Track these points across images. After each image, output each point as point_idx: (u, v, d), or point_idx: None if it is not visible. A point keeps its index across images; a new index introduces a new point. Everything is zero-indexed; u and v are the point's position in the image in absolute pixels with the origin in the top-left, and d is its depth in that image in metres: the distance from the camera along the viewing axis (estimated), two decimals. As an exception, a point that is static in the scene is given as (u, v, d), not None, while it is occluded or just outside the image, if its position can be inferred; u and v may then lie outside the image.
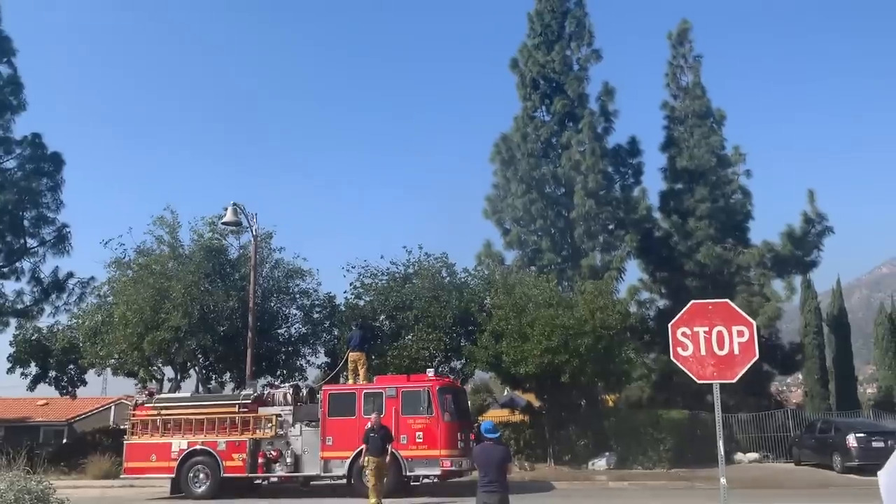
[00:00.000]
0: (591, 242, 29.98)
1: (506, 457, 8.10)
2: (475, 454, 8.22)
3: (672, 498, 16.79)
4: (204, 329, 24.36)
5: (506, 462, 8.04)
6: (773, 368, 32.61)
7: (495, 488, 7.86)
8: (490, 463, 7.93)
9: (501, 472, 7.93)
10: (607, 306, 23.88)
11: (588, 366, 22.69)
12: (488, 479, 7.87)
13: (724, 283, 30.00)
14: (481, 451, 8.15)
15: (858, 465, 20.52)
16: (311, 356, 27.96)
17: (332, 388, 19.05)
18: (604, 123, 31.20)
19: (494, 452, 8.07)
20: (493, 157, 31.60)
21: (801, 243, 30.12)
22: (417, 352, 24.29)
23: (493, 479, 7.86)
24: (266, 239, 26.44)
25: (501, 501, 7.86)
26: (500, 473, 7.92)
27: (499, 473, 7.91)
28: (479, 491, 7.92)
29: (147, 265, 25.46)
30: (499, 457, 8.01)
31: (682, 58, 33.60)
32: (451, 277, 26.74)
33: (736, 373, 7.20)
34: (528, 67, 31.67)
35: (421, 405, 17.42)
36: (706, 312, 7.34)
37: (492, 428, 8.30)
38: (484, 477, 7.91)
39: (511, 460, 8.26)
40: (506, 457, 8.10)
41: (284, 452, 18.23)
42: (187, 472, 18.47)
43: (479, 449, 8.21)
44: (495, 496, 7.85)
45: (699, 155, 31.18)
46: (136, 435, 19.17)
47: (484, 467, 7.93)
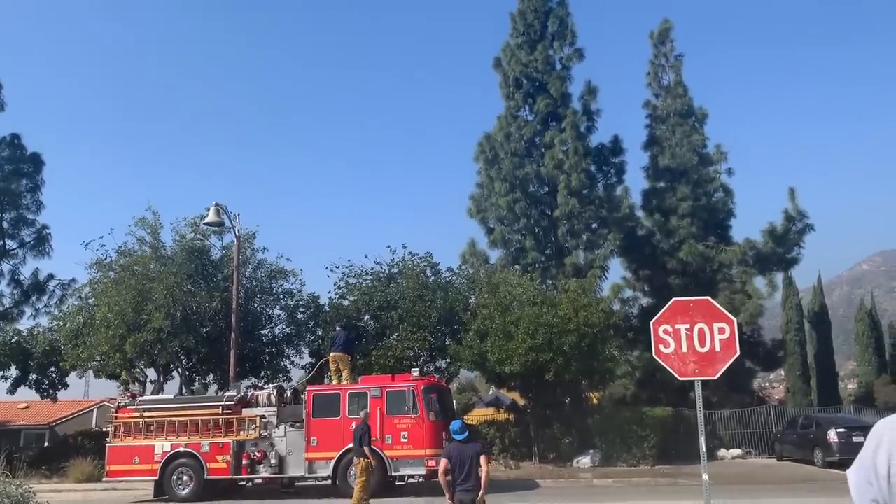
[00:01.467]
0: (575, 241, 30.11)
1: (477, 452, 8.19)
2: (448, 452, 8.30)
3: (656, 495, 16.89)
4: (187, 330, 24.19)
5: (478, 456, 8.11)
6: (756, 365, 32.90)
7: (470, 487, 7.97)
8: (464, 460, 8.03)
9: (474, 469, 8.02)
10: (591, 304, 23.98)
11: (572, 364, 22.77)
12: (462, 477, 7.99)
13: (707, 280, 30.21)
14: (454, 449, 8.24)
15: (839, 459, 20.75)
16: (296, 357, 27.88)
17: (316, 389, 18.99)
18: (586, 122, 31.35)
19: (466, 450, 8.17)
20: (477, 156, 31.67)
21: (782, 241, 30.38)
22: (402, 351, 24.27)
23: (467, 476, 7.98)
24: (249, 239, 26.30)
25: (474, 497, 7.97)
26: (473, 471, 8.01)
27: (471, 471, 8.01)
28: (456, 489, 8.00)
29: (129, 266, 25.23)
30: (471, 453, 8.11)
31: (663, 57, 33.82)
32: (435, 277, 26.74)
33: (717, 369, 7.26)
34: (512, 67, 31.75)
35: (406, 405, 17.41)
36: (687, 310, 7.39)
37: (459, 429, 8.44)
38: (458, 475, 8.01)
39: (484, 453, 8.33)
40: (477, 452, 8.19)
41: (269, 453, 18.16)
42: (171, 475, 18.35)
43: (453, 447, 8.32)
44: (469, 493, 7.96)
45: (681, 153, 31.38)
46: (119, 438, 19.01)
47: (458, 466, 8.03)
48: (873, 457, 1.99)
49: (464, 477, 8.01)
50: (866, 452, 2.02)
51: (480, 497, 8.08)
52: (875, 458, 1.98)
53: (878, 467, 1.95)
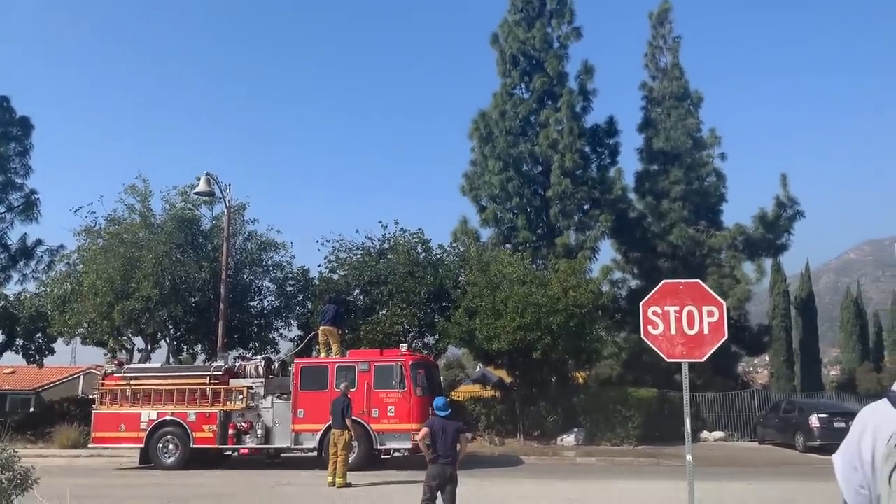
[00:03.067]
0: (567, 221, 30.11)
1: (459, 429, 8.71)
2: (432, 426, 8.70)
3: (639, 474, 17.07)
4: (175, 300, 24.13)
5: (459, 433, 8.63)
6: (741, 349, 33.19)
7: (448, 462, 8.44)
8: (446, 436, 8.49)
9: (454, 445, 8.51)
10: (580, 285, 24.06)
11: (559, 343, 22.90)
12: (442, 452, 8.43)
13: (696, 264, 30.35)
14: (437, 422, 8.69)
15: (820, 444, 21.02)
16: (284, 329, 27.88)
17: (304, 362, 19.04)
18: (582, 102, 31.21)
19: (449, 425, 8.66)
20: (472, 134, 31.52)
21: (772, 227, 30.51)
22: (391, 327, 24.31)
23: (446, 452, 8.44)
24: (239, 210, 26.17)
25: (453, 470, 8.49)
26: (453, 447, 8.50)
27: (451, 447, 8.48)
28: (436, 462, 8.46)
29: (118, 234, 25.07)
30: (453, 430, 8.59)
31: (661, 38, 33.66)
32: (426, 253, 26.71)
33: (705, 352, 7.29)
34: (509, 44, 31.51)
35: (393, 379, 17.48)
36: (677, 292, 7.41)
37: (443, 405, 8.93)
38: (441, 448, 8.44)
39: (465, 432, 8.93)
40: (459, 429, 8.71)
41: (255, 424, 18.23)
42: (157, 443, 18.40)
43: (436, 420, 8.74)
44: (449, 466, 8.45)
45: (675, 137, 31.35)
46: (105, 405, 19.01)
47: (439, 440, 8.46)
48: (858, 443, 2.00)
49: (445, 450, 8.44)
50: (851, 438, 2.04)
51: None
52: (860, 444, 1.99)
53: (863, 453, 1.97)
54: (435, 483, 8.46)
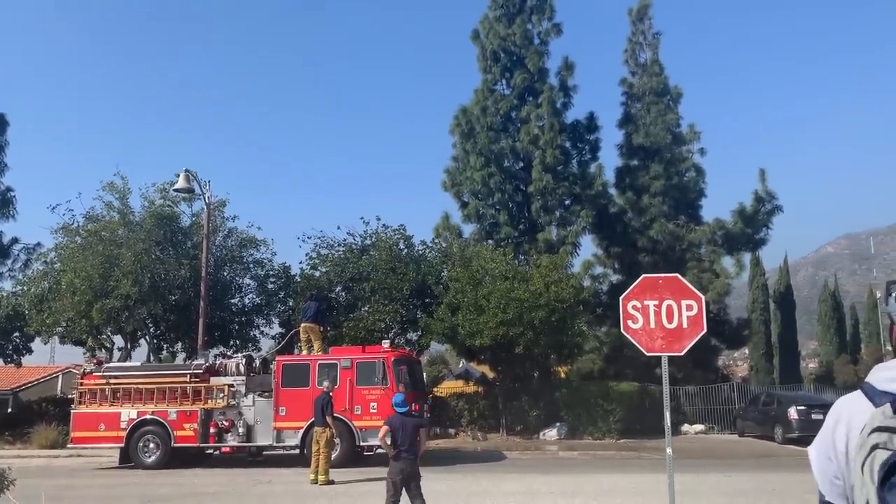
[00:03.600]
0: (548, 217, 30.20)
1: (419, 424, 9.08)
2: (392, 423, 8.98)
3: (620, 467, 17.19)
4: (155, 298, 23.94)
5: (419, 428, 8.97)
6: (721, 343, 33.50)
7: (409, 456, 8.74)
8: (406, 431, 8.78)
9: (414, 440, 8.81)
10: (562, 280, 24.16)
11: (541, 338, 22.98)
12: (404, 448, 8.70)
13: (676, 259, 30.56)
14: (397, 420, 9.00)
15: (798, 436, 21.31)
16: (265, 327, 27.78)
17: (286, 359, 18.97)
18: (563, 98, 31.29)
19: (409, 421, 9.00)
20: (453, 130, 31.51)
21: (751, 221, 30.79)
22: (373, 323, 24.27)
23: (408, 447, 8.71)
24: (219, 207, 25.99)
25: (414, 465, 8.78)
26: (413, 442, 8.80)
27: (412, 442, 8.78)
28: (398, 458, 8.72)
29: (96, 232, 24.83)
30: (412, 425, 8.92)
31: (641, 34, 33.81)
32: (408, 249, 26.69)
33: (684, 346, 7.35)
34: (489, 40, 31.51)
35: (376, 376, 17.48)
36: (656, 286, 7.46)
37: (401, 402, 9.31)
38: (402, 444, 8.72)
39: (425, 427, 9.28)
40: (419, 424, 9.08)
41: (237, 422, 18.16)
42: (137, 442, 18.28)
43: (396, 418, 9.03)
44: (411, 461, 8.75)
45: (655, 132, 31.53)
46: (84, 404, 18.85)
47: (400, 436, 8.73)
48: (832, 434, 2.02)
49: (408, 446, 8.72)
50: (826, 430, 2.06)
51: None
52: (834, 436, 2.01)
53: (837, 444, 1.99)
54: (399, 478, 8.70)
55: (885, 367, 2.02)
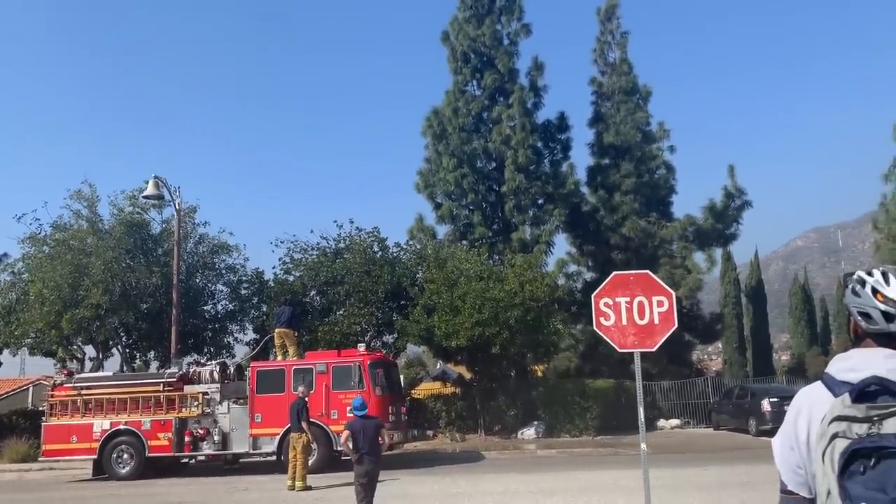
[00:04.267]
0: (521, 216, 30.30)
1: (378, 425, 9.32)
2: (353, 427, 9.21)
3: (598, 464, 17.29)
4: (126, 306, 23.62)
5: (379, 429, 9.23)
6: (694, 338, 33.85)
7: (372, 458, 8.99)
8: (367, 434, 9.01)
9: (375, 442, 9.07)
10: (536, 279, 24.25)
11: (517, 337, 23.05)
12: (366, 450, 8.92)
13: (648, 255, 30.84)
14: (357, 423, 9.25)
15: (772, 428, 21.56)
16: (239, 333, 27.54)
17: (260, 365, 18.83)
18: (533, 98, 31.39)
19: (368, 424, 9.22)
20: (425, 131, 31.49)
21: (721, 217, 31.18)
22: (349, 327, 24.17)
23: (370, 449, 8.94)
24: (190, 213, 25.74)
25: (376, 466, 9.05)
26: (375, 444, 9.06)
27: (373, 444, 9.03)
28: (362, 461, 8.93)
29: (64, 241, 24.46)
30: (372, 427, 9.15)
31: (609, 34, 34.05)
32: (382, 252, 26.60)
33: (656, 341, 7.42)
34: (459, 41, 31.53)
35: (352, 380, 17.41)
36: (628, 283, 7.52)
37: (360, 405, 9.56)
38: (364, 447, 8.92)
39: (384, 427, 9.59)
40: (378, 425, 9.32)
41: (212, 430, 17.98)
42: (110, 453, 18.02)
43: (356, 422, 9.27)
44: (374, 462, 8.99)
45: (625, 131, 31.78)
46: (56, 416, 18.55)
47: (361, 439, 8.94)
48: (794, 424, 2.06)
49: (369, 449, 8.94)
50: (788, 421, 2.09)
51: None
52: (796, 426, 2.05)
53: (799, 434, 2.02)
54: (365, 480, 8.93)
55: (844, 358, 2.06)
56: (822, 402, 1.98)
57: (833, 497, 1.82)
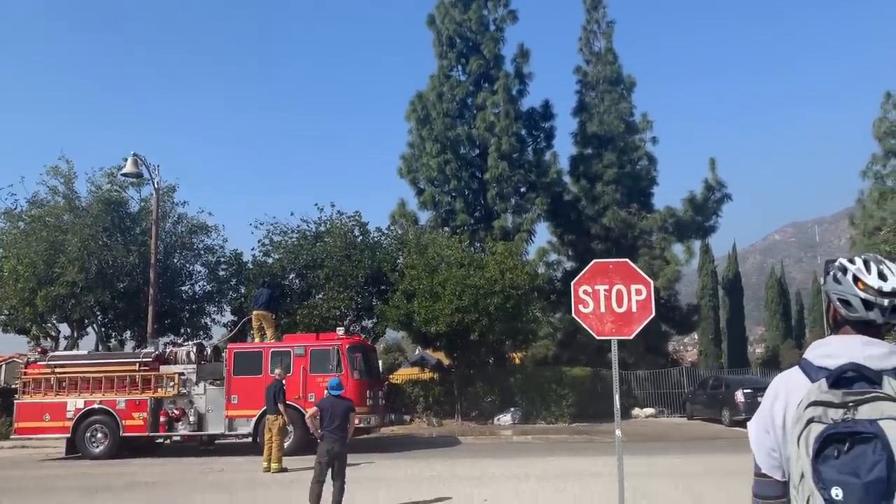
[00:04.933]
0: (504, 204, 30.33)
1: (350, 408, 9.39)
2: (322, 405, 9.38)
3: (572, 451, 17.43)
4: (102, 285, 23.38)
5: (349, 412, 9.30)
6: (671, 328, 34.17)
7: (337, 436, 9.08)
8: (335, 413, 9.13)
9: (344, 422, 9.16)
10: (517, 267, 24.31)
11: (496, 324, 23.13)
12: (332, 428, 9.06)
13: (628, 246, 31.02)
14: (328, 401, 9.41)
15: (745, 418, 21.83)
16: (217, 314, 27.35)
17: (238, 347, 18.73)
18: (518, 86, 31.36)
19: (339, 404, 9.31)
20: (409, 116, 31.34)
21: (701, 209, 31.41)
22: (328, 311, 24.10)
23: (336, 427, 9.06)
24: (169, 192, 25.48)
25: (342, 447, 9.11)
26: (343, 423, 9.15)
27: (342, 423, 9.13)
28: (325, 436, 9.07)
29: (40, 217, 24.13)
30: (343, 408, 9.25)
31: (595, 23, 34.07)
32: (363, 236, 26.52)
33: (633, 329, 7.45)
34: (445, 25, 31.36)
35: (330, 363, 17.37)
36: (607, 271, 7.55)
37: (336, 385, 9.67)
38: (329, 425, 9.06)
39: (354, 411, 9.64)
40: (350, 408, 9.39)
41: (187, 411, 17.88)
42: (84, 432, 17.86)
43: (327, 401, 9.41)
44: (337, 442, 9.06)
45: (608, 121, 31.86)
46: (29, 394, 18.35)
47: (328, 416, 9.07)
48: (770, 408, 2.08)
49: (334, 427, 9.05)
50: (764, 405, 2.11)
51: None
52: (772, 410, 2.06)
53: (775, 418, 2.04)
54: (325, 459, 9.02)
55: (821, 344, 2.07)
56: (798, 386, 2.00)
57: (806, 480, 1.83)
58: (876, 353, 1.93)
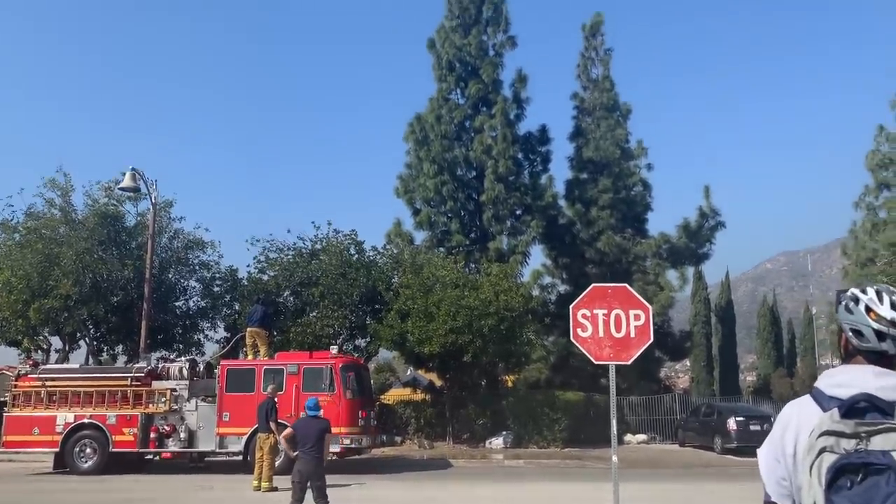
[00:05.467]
0: (499, 226, 30.42)
1: (325, 429, 9.33)
2: (297, 427, 9.44)
3: (564, 476, 17.36)
4: (96, 298, 23.27)
5: (325, 433, 9.27)
6: (664, 355, 34.16)
7: (311, 456, 9.05)
8: (309, 434, 9.13)
9: (319, 442, 9.13)
10: (511, 289, 24.34)
11: (490, 346, 23.10)
12: (306, 448, 9.08)
13: (622, 271, 31.08)
14: (302, 422, 9.47)
15: (737, 446, 21.84)
16: (210, 330, 27.21)
17: (231, 364, 18.64)
18: (516, 110, 31.60)
19: (313, 425, 9.31)
20: (407, 137, 31.51)
21: (695, 236, 31.57)
22: (322, 329, 24.03)
23: (311, 447, 9.04)
24: (165, 207, 25.46)
25: (316, 467, 9.09)
26: (318, 444, 9.12)
27: (316, 444, 9.10)
28: (300, 457, 9.08)
29: (36, 229, 24.07)
30: (317, 429, 9.23)
31: (593, 50, 34.38)
32: (359, 255, 26.50)
33: (631, 355, 7.49)
34: (445, 49, 31.64)
35: (323, 382, 17.28)
36: (605, 296, 7.59)
37: (314, 406, 9.72)
38: (304, 446, 9.03)
39: (330, 431, 9.57)
40: (325, 429, 9.33)
41: (178, 427, 17.74)
42: (73, 447, 17.69)
43: (301, 422, 9.47)
44: (311, 463, 9.04)
45: (604, 147, 32.07)
46: (18, 407, 18.18)
47: (303, 438, 9.09)
48: (781, 437, 2.10)
49: (308, 448, 9.04)
50: (775, 433, 2.13)
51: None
52: (783, 439, 2.09)
53: (786, 447, 2.06)
54: (298, 479, 9.01)
55: (833, 374, 2.10)
56: (810, 415, 2.02)
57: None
58: (888, 384, 1.96)
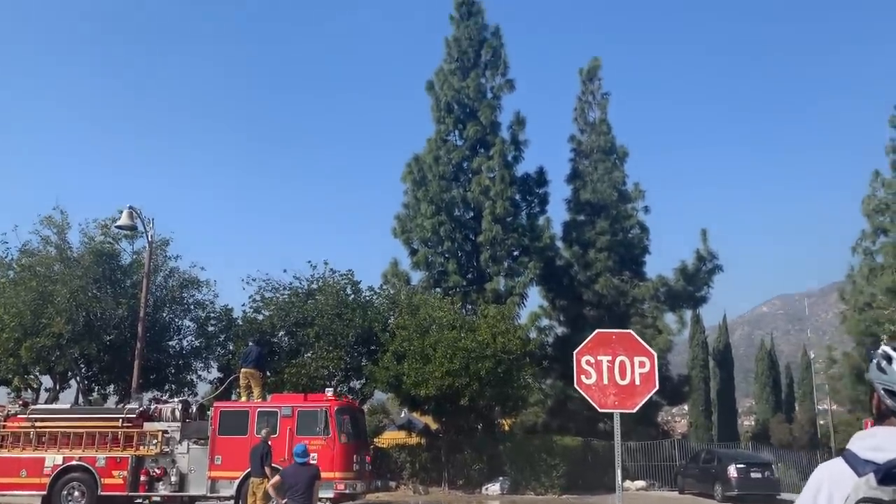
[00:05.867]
0: (497, 267, 30.34)
1: (314, 475, 9.27)
2: (286, 474, 9.35)
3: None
4: (89, 337, 23.01)
5: (314, 480, 9.20)
6: (662, 399, 33.80)
7: (301, 503, 9.01)
8: (298, 481, 9.06)
9: (308, 490, 9.07)
10: (508, 331, 24.15)
11: (487, 389, 22.83)
12: (296, 496, 8.96)
13: (620, 313, 30.96)
14: (292, 472, 9.35)
15: (738, 494, 21.46)
16: (203, 371, 26.86)
17: (224, 405, 18.36)
18: (514, 152, 31.84)
19: (303, 472, 9.22)
20: (405, 177, 31.64)
21: (693, 279, 31.53)
22: (316, 370, 23.73)
23: (301, 495, 8.93)
24: (162, 246, 25.36)
25: None
26: (308, 491, 9.06)
27: (306, 491, 9.04)
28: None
29: (30, 266, 23.91)
30: (307, 476, 9.15)
31: (591, 94, 34.78)
32: (355, 295, 26.35)
33: (636, 402, 7.35)
34: (444, 91, 31.99)
35: (317, 426, 17.00)
36: (610, 342, 7.48)
37: (302, 453, 9.62)
38: (293, 494, 8.97)
39: (320, 478, 9.51)
40: (314, 475, 9.27)
41: (169, 470, 17.39)
42: (61, 490, 17.31)
43: (291, 469, 9.37)
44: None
45: (602, 189, 32.24)
46: (6, 448, 17.83)
47: (293, 486, 9.01)
48: (813, 500, 1.99)
49: (298, 495, 8.97)
50: (807, 496, 2.03)
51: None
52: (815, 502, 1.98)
53: None
54: None
55: (867, 436, 2.00)
56: (844, 479, 1.92)
57: None
58: None
